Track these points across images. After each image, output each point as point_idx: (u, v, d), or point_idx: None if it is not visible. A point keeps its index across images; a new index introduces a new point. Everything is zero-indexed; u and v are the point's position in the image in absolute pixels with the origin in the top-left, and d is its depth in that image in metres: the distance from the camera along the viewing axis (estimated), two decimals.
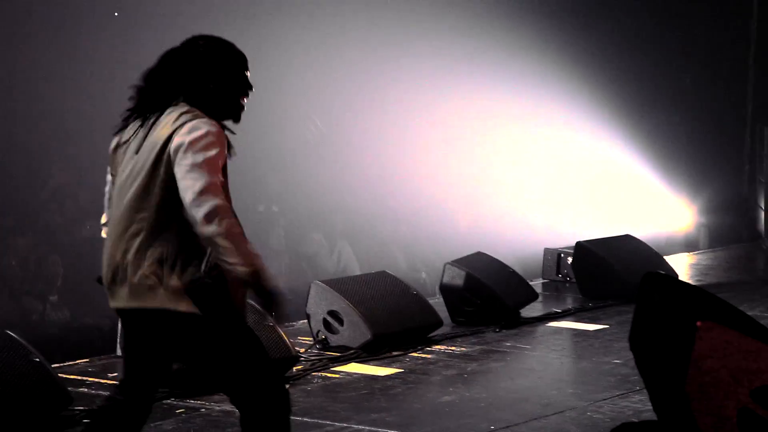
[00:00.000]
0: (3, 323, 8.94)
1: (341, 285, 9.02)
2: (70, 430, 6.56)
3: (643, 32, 16.54)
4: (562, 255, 11.69)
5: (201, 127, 4.49)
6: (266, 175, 15.16)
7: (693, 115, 16.68)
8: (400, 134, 15.39)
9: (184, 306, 4.51)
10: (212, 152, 4.44)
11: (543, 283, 11.74)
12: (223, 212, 4.36)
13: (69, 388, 6.92)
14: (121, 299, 4.64)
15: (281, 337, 7.84)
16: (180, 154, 4.44)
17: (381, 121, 15.47)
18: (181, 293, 4.50)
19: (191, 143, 4.44)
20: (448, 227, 14.03)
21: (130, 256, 4.56)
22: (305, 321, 8.97)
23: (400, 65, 15.14)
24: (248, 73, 4.77)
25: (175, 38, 4.77)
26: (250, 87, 4.76)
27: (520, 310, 9.96)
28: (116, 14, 14.55)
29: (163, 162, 4.50)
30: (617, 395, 7.36)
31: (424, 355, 8.59)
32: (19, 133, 13.43)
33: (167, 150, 4.49)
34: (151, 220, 4.55)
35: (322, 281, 9.18)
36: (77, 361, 8.22)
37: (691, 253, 14.86)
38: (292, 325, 9.46)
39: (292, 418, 6.76)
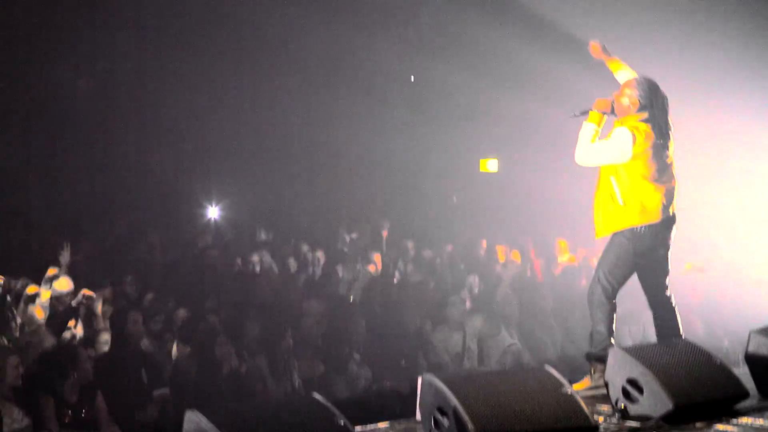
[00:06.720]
0: (309, 384, 7.18)
1: (640, 352, 6.73)
2: None
3: None
4: None
5: None
6: None
7: None
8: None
9: None
10: None
11: None
12: None
13: None
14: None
15: (580, 406, 5.76)
16: None
17: None
18: None
19: None
20: (752, 292, 11.02)
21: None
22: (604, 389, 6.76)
23: None
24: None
25: None
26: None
27: None
28: None
29: None
30: None
31: (729, 428, 6.26)
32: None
33: None
34: None
35: (622, 348, 6.95)
36: (378, 425, 6.43)
37: None
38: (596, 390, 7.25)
39: None
